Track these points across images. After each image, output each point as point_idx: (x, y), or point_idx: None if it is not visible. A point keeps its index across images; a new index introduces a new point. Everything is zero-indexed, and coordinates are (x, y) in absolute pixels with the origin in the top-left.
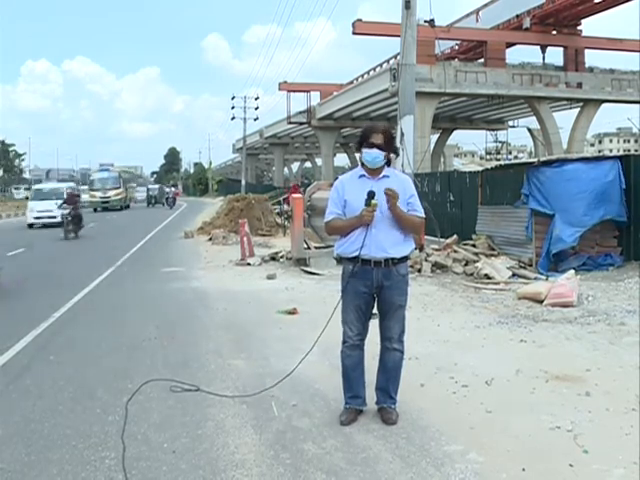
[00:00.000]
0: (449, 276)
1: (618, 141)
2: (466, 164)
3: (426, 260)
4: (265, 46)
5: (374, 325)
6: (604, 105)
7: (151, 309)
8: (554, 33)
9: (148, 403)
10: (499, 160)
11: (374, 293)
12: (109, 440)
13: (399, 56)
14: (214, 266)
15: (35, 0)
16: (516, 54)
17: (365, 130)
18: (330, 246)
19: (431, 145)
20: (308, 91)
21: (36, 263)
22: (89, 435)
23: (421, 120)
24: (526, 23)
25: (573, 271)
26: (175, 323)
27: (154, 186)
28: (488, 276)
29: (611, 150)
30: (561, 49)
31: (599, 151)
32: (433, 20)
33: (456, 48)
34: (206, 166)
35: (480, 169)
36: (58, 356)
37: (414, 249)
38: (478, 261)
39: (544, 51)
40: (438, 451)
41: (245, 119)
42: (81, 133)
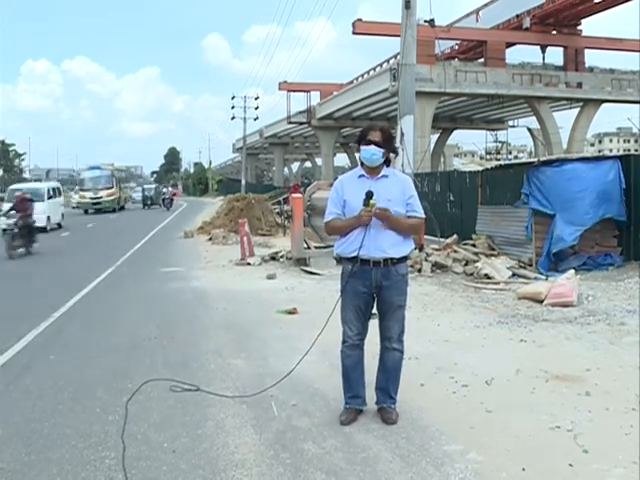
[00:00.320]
0: (449, 276)
1: (618, 141)
2: (466, 164)
3: (426, 260)
4: (265, 46)
5: (374, 325)
6: (604, 105)
7: (151, 309)
8: (554, 33)
9: (148, 403)
10: (499, 160)
11: (373, 293)
12: (109, 440)
13: (399, 56)
14: (214, 266)
15: (35, 0)
16: (516, 54)
17: (364, 129)
18: (330, 246)
19: (431, 145)
20: (308, 91)
21: None
22: (89, 435)
23: (421, 120)
24: (526, 23)
25: (573, 271)
26: (175, 323)
27: (150, 186)
28: (488, 276)
29: (611, 150)
30: (561, 49)
31: (599, 151)
32: (433, 20)
33: (456, 48)
34: (206, 166)
35: (480, 169)
36: (58, 356)
37: (414, 249)
38: (478, 261)
39: (544, 51)
40: (438, 451)
41: (245, 119)
42: (81, 133)
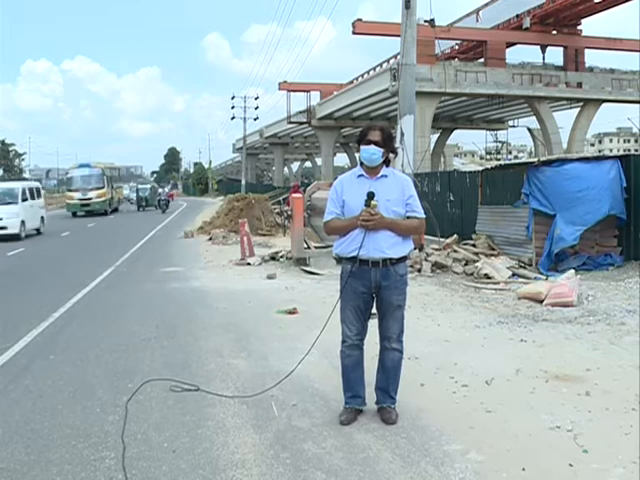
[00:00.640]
0: (449, 276)
1: (618, 141)
2: (466, 164)
3: (426, 260)
4: (265, 45)
5: (373, 325)
6: (604, 105)
7: (151, 309)
8: (554, 33)
9: (148, 403)
10: (499, 160)
11: (373, 293)
12: (109, 440)
13: (399, 56)
14: (214, 266)
15: (35, 0)
16: (516, 54)
17: (363, 129)
18: (330, 246)
19: (431, 145)
20: (308, 91)
21: None
22: (89, 435)
23: (421, 120)
24: (526, 23)
25: (573, 271)
26: (175, 323)
27: (144, 186)
28: (488, 276)
29: (611, 150)
30: (561, 49)
31: (599, 151)
32: (433, 20)
33: (456, 48)
34: (206, 166)
35: (480, 169)
36: (58, 356)
37: (413, 249)
38: (478, 261)
39: (544, 51)
40: (438, 450)
41: (245, 119)
42: (81, 133)
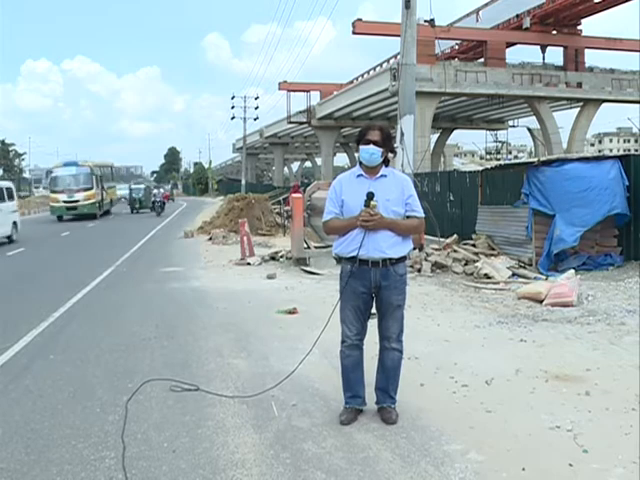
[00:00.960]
0: (449, 276)
1: (618, 141)
2: (466, 164)
3: (426, 260)
4: (265, 45)
5: (373, 325)
6: (604, 105)
7: (151, 309)
8: (554, 33)
9: (148, 402)
10: (499, 160)
11: (372, 293)
12: (109, 439)
13: (399, 56)
14: (214, 266)
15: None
16: (516, 54)
17: (362, 129)
18: (330, 246)
19: (431, 145)
20: (308, 91)
21: None
22: (89, 434)
23: (421, 120)
24: (526, 23)
25: (573, 271)
26: (175, 323)
27: (138, 186)
28: (488, 276)
29: (611, 150)
30: (561, 49)
31: (599, 151)
32: (433, 20)
33: (456, 48)
34: (206, 166)
35: (480, 169)
36: (58, 355)
37: (412, 249)
38: (478, 261)
39: (544, 51)
40: (438, 450)
41: (245, 119)
42: (81, 133)
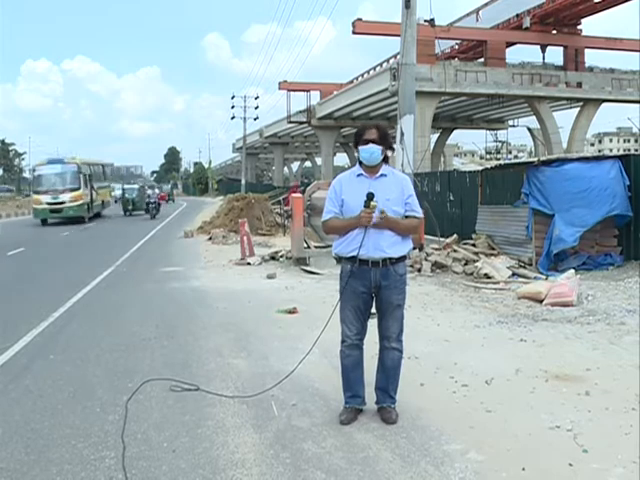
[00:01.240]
0: (449, 275)
1: (618, 141)
2: (466, 163)
3: (426, 259)
4: (265, 45)
5: (373, 324)
6: (604, 104)
7: (151, 308)
8: (554, 33)
9: (148, 402)
10: (499, 159)
11: (372, 293)
12: (109, 439)
13: (399, 55)
14: (214, 265)
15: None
16: (516, 54)
17: (359, 130)
18: (330, 245)
19: (431, 145)
20: (308, 90)
21: None
22: (89, 434)
23: (421, 119)
24: (526, 22)
25: (573, 271)
26: (175, 322)
27: (131, 186)
28: (488, 275)
29: (611, 150)
30: (561, 49)
31: (599, 150)
32: (433, 19)
33: (456, 47)
34: (206, 165)
35: (480, 169)
36: (58, 355)
37: (412, 249)
38: (478, 260)
39: (544, 51)
40: (438, 450)
41: (245, 118)
42: (81, 133)
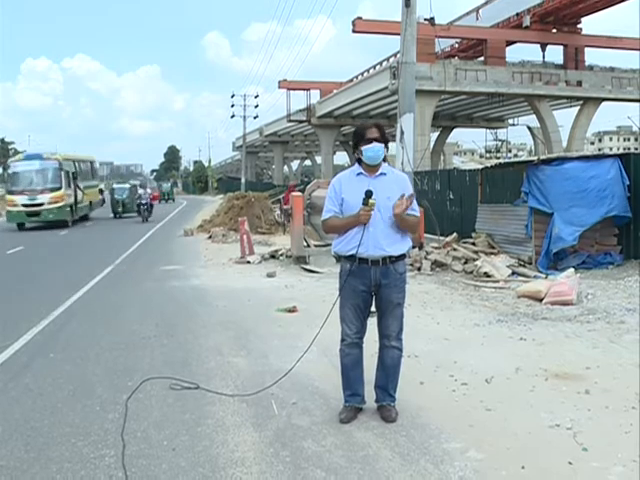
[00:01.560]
0: (449, 274)
1: (618, 139)
2: (466, 162)
3: (426, 258)
4: (265, 44)
5: (373, 323)
6: (604, 103)
7: (150, 307)
8: (554, 31)
9: (148, 401)
10: (499, 158)
11: (372, 291)
12: (109, 438)
13: (399, 54)
14: (214, 264)
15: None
16: (516, 52)
17: (357, 130)
18: (330, 244)
19: (431, 143)
20: (308, 89)
21: None
22: (89, 433)
23: (421, 118)
24: (526, 21)
25: (573, 269)
26: (175, 321)
27: (122, 185)
28: (488, 274)
29: (611, 148)
30: (561, 47)
31: (599, 149)
32: (433, 18)
33: (456, 46)
34: (206, 164)
35: (480, 167)
36: (58, 354)
37: (411, 247)
38: (478, 259)
39: (544, 49)
40: (437, 449)
41: (245, 117)
42: (81, 131)
